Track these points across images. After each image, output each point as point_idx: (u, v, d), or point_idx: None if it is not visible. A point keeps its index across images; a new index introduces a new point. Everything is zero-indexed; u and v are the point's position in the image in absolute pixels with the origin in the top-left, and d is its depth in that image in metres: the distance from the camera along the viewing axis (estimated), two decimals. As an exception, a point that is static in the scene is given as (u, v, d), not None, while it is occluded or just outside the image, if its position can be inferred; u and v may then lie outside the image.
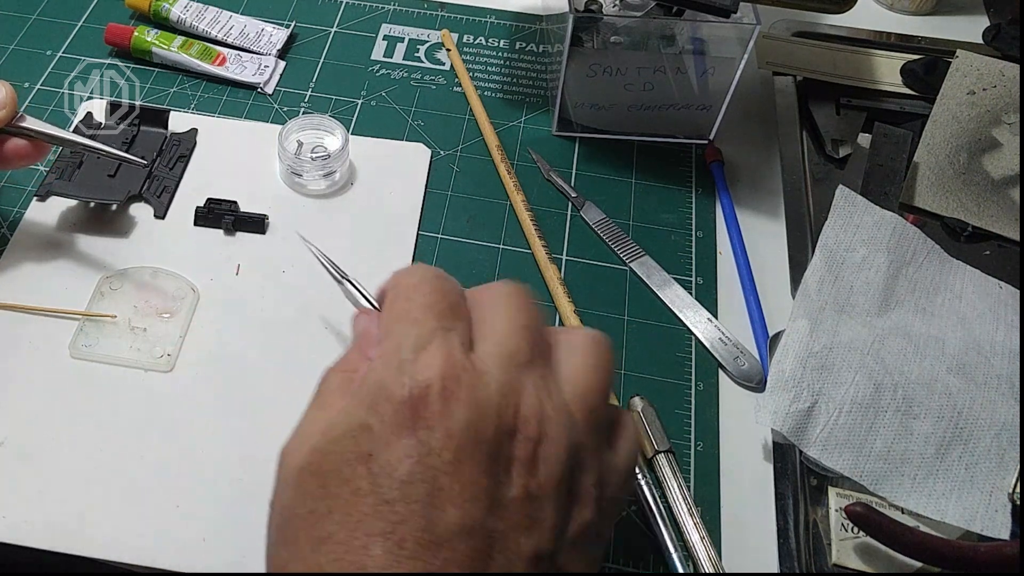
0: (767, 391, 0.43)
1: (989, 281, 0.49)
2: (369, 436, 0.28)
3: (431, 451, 0.27)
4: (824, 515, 0.41)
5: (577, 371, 0.31)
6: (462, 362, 0.29)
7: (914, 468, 0.41)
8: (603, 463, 0.30)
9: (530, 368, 0.30)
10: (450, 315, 0.31)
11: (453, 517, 0.26)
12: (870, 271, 0.47)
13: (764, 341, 0.47)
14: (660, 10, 0.52)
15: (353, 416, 0.29)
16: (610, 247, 0.52)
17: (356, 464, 0.27)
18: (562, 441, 0.28)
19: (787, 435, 0.41)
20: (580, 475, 0.29)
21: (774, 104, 0.60)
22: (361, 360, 0.32)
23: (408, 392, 0.28)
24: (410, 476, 0.26)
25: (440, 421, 0.27)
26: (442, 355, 0.29)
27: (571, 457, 0.28)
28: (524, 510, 0.27)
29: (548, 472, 0.28)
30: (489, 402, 0.28)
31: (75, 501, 0.41)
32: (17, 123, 0.45)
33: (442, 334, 0.30)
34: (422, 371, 0.28)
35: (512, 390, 0.29)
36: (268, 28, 0.63)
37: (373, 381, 0.29)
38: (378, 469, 0.27)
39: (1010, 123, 0.55)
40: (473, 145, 0.57)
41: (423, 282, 0.32)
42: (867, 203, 0.50)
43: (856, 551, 0.40)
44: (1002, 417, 0.42)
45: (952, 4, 0.69)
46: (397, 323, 0.31)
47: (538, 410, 0.28)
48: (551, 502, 0.27)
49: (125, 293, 0.47)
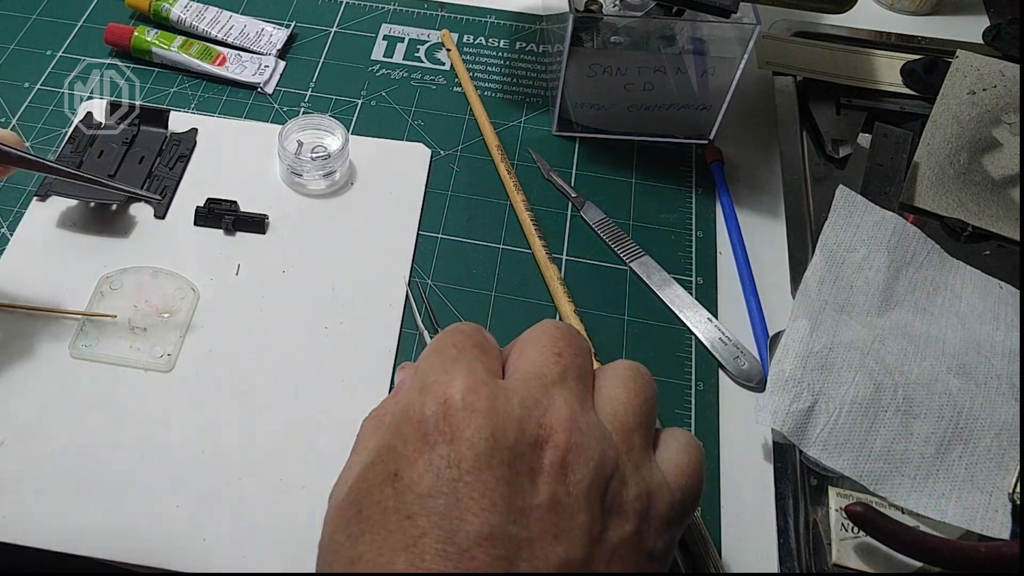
0: (767, 391, 0.43)
1: (989, 281, 0.49)
2: (394, 456, 0.28)
3: (451, 463, 0.27)
4: (824, 515, 0.41)
5: (615, 392, 0.31)
6: (484, 379, 0.29)
7: (914, 468, 0.41)
8: (648, 480, 0.30)
9: (561, 386, 0.30)
10: (478, 350, 0.31)
11: (473, 526, 0.26)
12: (870, 271, 0.47)
13: (764, 341, 0.47)
14: (660, 10, 0.52)
15: (382, 443, 0.29)
16: (610, 247, 0.52)
17: (384, 486, 0.28)
18: (593, 451, 0.28)
19: (787, 435, 0.41)
20: (619, 487, 0.29)
21: (774, 104, 0.60)
22: (393, 404, 0.33)
23: (430, 410, 0.28)
24: (431, 490, 0.27)
25: (460, 433, 0.28)
26: (464, 373, 0.29)
27: (604, 467, 0.28)
28: (551, 518, 0.27)
29: (577, 480, 0.28)
30: (510, 414, 0.28)
31: (75, 501, 0.41)
32: None
33: (467, 360, 0.30)
34: (443, 389, 0.29)
35: (536, 403, 0.29)
36: (268, 28, 0.63)
37: (399, 408, 0.30)
38: (402, 487, 0.27)
39: (1010, 123, 0.55)
40: (473, 145, 0.57)
41: (455, 330, 0.33)
42: (867, 203, 0.50)
43: (856, 551, 0.40)
44: (1002, 417, 0.42)
45: (952, 4, 0.69)
46: (425, 359, 0.32)
47: (567, 421, 0.29)
48: (583, 511, 0.27)
49: (125, 293, 0.47)
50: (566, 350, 0.31)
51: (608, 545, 0.28)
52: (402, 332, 0.47)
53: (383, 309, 0.48)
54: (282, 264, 0.50)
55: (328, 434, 0.43)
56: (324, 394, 0.45)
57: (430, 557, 0.26)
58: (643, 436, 0.31)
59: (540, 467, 0.28)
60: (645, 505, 0.29)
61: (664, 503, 0.30)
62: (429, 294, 0.49)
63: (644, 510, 0.29)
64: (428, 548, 0.26)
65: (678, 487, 0.31)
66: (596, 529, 0.28)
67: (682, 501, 0.31)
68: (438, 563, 0.26)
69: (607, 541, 0.28)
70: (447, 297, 0.49)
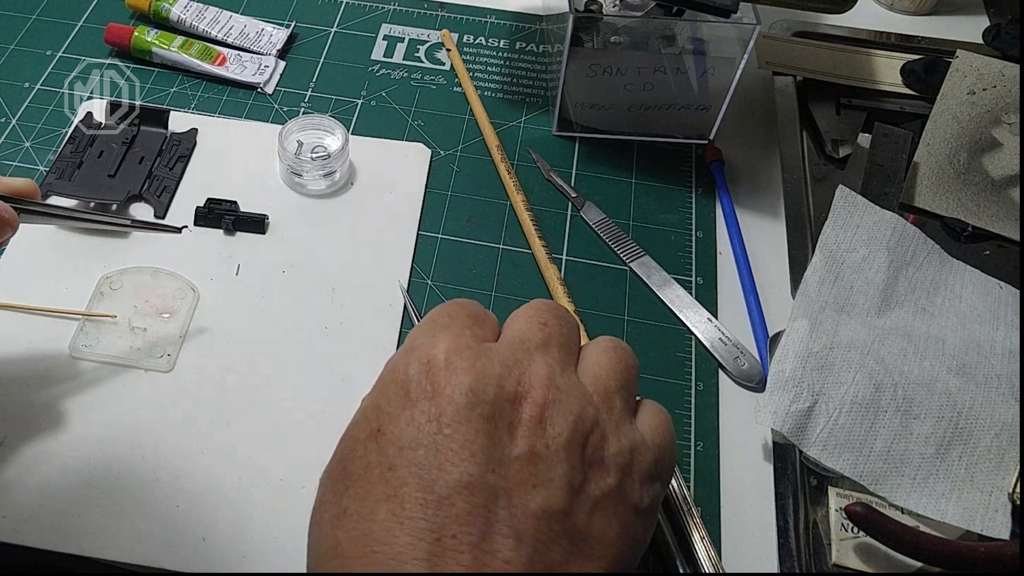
0: (767, 391, 0.43)
1: (989, 281, 0.49)
2: (378, 414, 0.30)
3: (431, 418, 0.28)
4: (824, 515, 0.41)
5: (597, 359, 0.32)
6: (468, 342, 0.30)
7: (914, 468, 0.41)
8: (629, 437, 0.31)
9: (543, 351, 0.31)
10: (470, 320, 0.32)
11: (452, 475, 0.27)
12: (870, 271, 0.47)
13: (764, 341, 0.47)
14: (660, 10, 0.52)
15: (368, 402, 0.31)
16: (610, 247, 0.52)
17: (368, 441, 0.29)
18: (572, 407, 0.29)
19: (787, 435, 0.41)
20: (600, 442, 0.30)
21: (774, 104, 0.60)
22: None
23: (413, 369, 0.30)
24: (412, 442, 0.28)
25: (442, 389, 0.29)
26: (450, 337, 0.30)
27: (583, 422, 0.29)
28: (530, 468, 0.28)
29: (556, 434, 0.29)
30: (490, 371, 0.29)
31: (75, 501, 0.40)
32: None
33: (456, 327, 0.31)
34: (427, 350, 0.30)
35: (516, 363, 0.30)
36: (268, 28, 0.63)
37: (387, 369, 0.31)
38: (384, 441, 0.29)
39: (1010, 123, 0.55)
40: (473, 145, 0.57)
41: (452, 302, 0.34)
42: (867, 203, 0.50)
43: (856, 551, 0.40)
44: (1002, 417, 0.42)
45: (952, 4, 0.69)
46: (418, 326, 0.33)
47: (545, 379, 0.30)
48: (562, 462, 0.28)
49: (125, 293, 0.47)
50: (551, 321, 0.32)
51: (590, 496, 0.28)
52: (402, 332, 0.47)
53: (383, 309, 0.48)
54: (282, 264, 0.50)
55: (328, 434, 0.43)
56: (324, 394, 0.45)
57: (410, 505, 0.27)
58: (623, 399, 0.32)
59: (519, 421, 0.29)
60: (627, 460, 0.30)
61: (646, 459, 0.31)
62: (429, 295, 0.49)
63: (626, 465, 0.30)
64: (408, 497, 0.27)
65: (656, 446, 0.32)
66: (577, 480, 0.28)
67: (662, 459, 0.32)
68: (418, 511, 0.27)
69: (588, 492, 0.29)
70: (447, 297, 0.49)
